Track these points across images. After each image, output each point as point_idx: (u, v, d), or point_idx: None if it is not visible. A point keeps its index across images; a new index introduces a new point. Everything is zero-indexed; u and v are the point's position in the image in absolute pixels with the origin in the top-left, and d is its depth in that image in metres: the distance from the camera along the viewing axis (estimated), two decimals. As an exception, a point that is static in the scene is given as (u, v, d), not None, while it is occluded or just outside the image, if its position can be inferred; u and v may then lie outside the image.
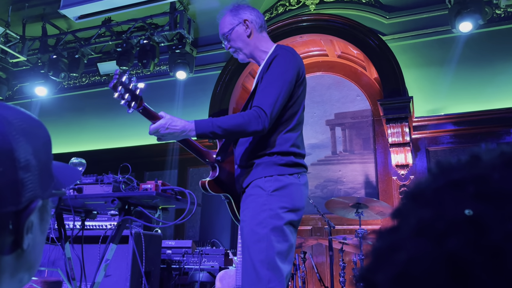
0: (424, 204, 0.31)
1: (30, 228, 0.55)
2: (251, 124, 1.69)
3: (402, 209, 0.33)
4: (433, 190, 0.31)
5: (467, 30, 4.39)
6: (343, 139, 5.13)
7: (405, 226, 0.31)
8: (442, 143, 4.64)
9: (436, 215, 0.29)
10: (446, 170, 0.32)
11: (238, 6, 2.02)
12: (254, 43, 1.97)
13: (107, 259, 2.15)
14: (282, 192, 1.72)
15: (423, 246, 0.28)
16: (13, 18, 5.58)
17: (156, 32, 5.32)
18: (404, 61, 4.77)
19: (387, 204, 3.62)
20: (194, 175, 5.60)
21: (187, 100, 5.79)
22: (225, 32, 1.99)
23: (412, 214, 0.31)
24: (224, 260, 3.97)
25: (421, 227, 0.29)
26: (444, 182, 0.31)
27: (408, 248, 0.29)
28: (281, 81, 1.76)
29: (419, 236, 0.29)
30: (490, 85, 4.56)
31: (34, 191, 0.55)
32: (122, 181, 2.23)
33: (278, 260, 1.66)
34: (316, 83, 5.34)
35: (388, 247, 0.30)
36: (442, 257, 0.27)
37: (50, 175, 0.59)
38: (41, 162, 0.56)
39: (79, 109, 6.43)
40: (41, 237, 0.60)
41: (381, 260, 0.30)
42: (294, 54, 1.86)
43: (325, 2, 5.31)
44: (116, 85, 1.59)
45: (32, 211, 0.54)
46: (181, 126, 1.67)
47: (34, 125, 0.58)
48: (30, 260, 0.58)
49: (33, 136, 0.56)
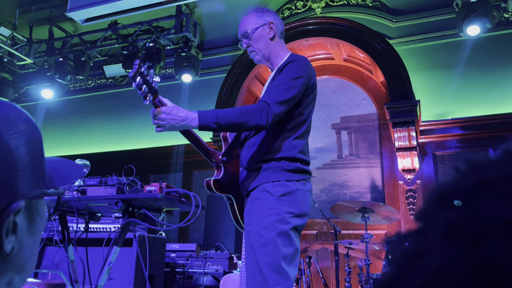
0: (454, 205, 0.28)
1: (12, 230, 0.52)
2: (254, 116, 1.69)
3: (428, 210, 0.30)
4: (464, 190, 0.28)
5: (474, 33, 4.35)
6: (349, 143, 5.09)
7: (433, 229, 0.28)
8: (449, 147, 4.60)
9: (469, 217, 0.26)
10: (477, 167, 0.29)
11: (264, 9, 2.05)
12: (274, 47, 1.99)
13: (111, 262, 2.13)
14: (289, 198, 1.74)
15: (455, 251, 0.25)
16: (20, 21, 5.61)
17: (162, 35, 5.33)
18: (411, 64, 4.74)
19: (393, 209, 3.58)
20: (199, 178, 5.59)
21: (193, 103, 5.78)
22: (247, 30, 1.99)
23: (440, 216, 0.28)
24: (229, 264, 3.94)
25: (452, 230, 0.27)
26: (476, 181, 0.28)
27: (438, 254, 0.26)
28: (292, 84, 1.78)
29: (450, 240, 0.26)
30: (498, 89, 4.51)
31: (14, 191, 0.51)
32: (126, 183, 2.21)
33: (284, 264, 1.67)
34: (322, 86, 5.32)
35: (415, 252, 0.27)
36: (476, 264, 0.24)
37: (38, 174, 0.55)
38: (24, 161, 0.52)
39: (84, 111, 6.45)
40: (31, 239, 0.56)
41: (407, 266, 0.27)
42: (307, 63, 1.89)
43: (331, 5, 5.30)
44: (135, 75, 1.61)
45: (11, 213, 0.51)
46: (184, 114, 1.66)
47: (16, 120, 0.54)
48: (17, 263, 0.54)
49: (13, 133, 0.52)
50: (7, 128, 0.52)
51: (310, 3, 5.36)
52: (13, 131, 0.52)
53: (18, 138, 0.52)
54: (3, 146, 0.50)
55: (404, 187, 4.59)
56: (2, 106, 0.54)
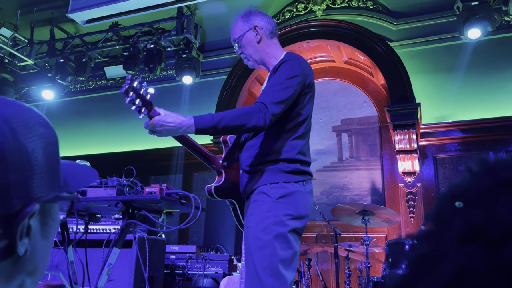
0: (471, 206, 0.27)
1: (26, 233, 0.52)
2: (252, 118, 1.66)
3: (442, 212, 0.29)
4: (481, 192, 0.28)
5: (475, 37, 4.36)
6: (349, 146, 5.09)
7: (449, 232, 0.27)
8: (450, 150, 4.59)
9: (488, 219, 0.26)
10: (494, 168, 0.28)
11: (250, 12, 2.02)
12: (264, 50, 1.96)
13: (110, 264, 2.12)
14: (287, 200, 1.71)
15: (474, 254, 0.24)
16: (21, 21, 5.61)
17: (163, 36, 5.33)
18: (411, 67, 4.74)
19: (394, 212, 3.57)
20: (199, 180, 5.58)
21: (193, 105, 5.78)
22: (235, 38, 1.99)
23: (456, 217, 0.27)
24: (228, 266, 3.93)
25: (470, 233, 0.26)
26: (495, 182, 0.27)
27: (456, 257, 0.25)
28: (287, 83, 1.75)
29: (468, 242, 0.25)
30: (499, 92, 4.51)
31: (29, 195, 0.51)
32: (126, 184, 2.20)
33: (281, 267, 1.64)
34: (323, 89, 5.32)
35: (431, 255, 0.27)
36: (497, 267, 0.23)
37: (53, 178, 0.55)
38: (40, 164, 0.53)
39: (85, 112, 6.44)
40: (43, 242, 0.57)
41: (423, 269, 0.26)
42: (303, 61, 1.85)
43: (332, 8, 5.30)
44: (127, 90, 1.58)
45: (26, 215, 0.51)
46: (178, 122, 1.61)
47: (34, 124, 0.54)
48: (30, 265, 0.54)
49: (31, 136, 0.52)
50: (25, 131, 0.52)
51: (311, 5, 5.37)
52: (30, 134, 0.52)
53: (35, 142, 0.53)
54: (20, 149, 0.51)
55: (404, 190, 4.59)
56: (21, 109, 0.55)
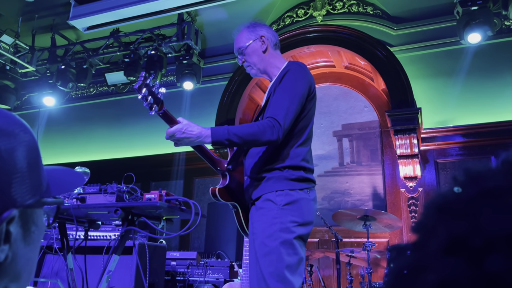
0: (454, 217, 0.27)
1: (4, 239, 0.51)
2: (266, 133, 1.72)
3: (426, 222, 0.29)
4: (464, 202, 0.27)
5: (475, 41, 4.35)
6: (350, 151, 5.08)
7: (432, 242, 0.26)
8: (451, 155, 4.58)
9: (471, 229, 0.25)
10: (477, 178, 0.28)
11: (256, 23, 2.10)
12: (268, 59, 2.02)
13: (110, 271, 2.11)
14: (292, 207, 1.75)
15: (456, 266, 0.24)
16: (22, 28, 5.64)
17: (163, 43, 5.35)
18: (412, 72, 4.74)
19: (395, 217, 3.55)
20: (200, 185, 5.57)
21: (194, 111, 5.78)
22: (241, 46, 2.05)
23: (440, 228, 0.27)
24: (229, 273, 3.91)
25: (452, 243, 0.25)
26: (477, 192, 0.27)
27: (438, 268, 0.25)
28: (294, 94, 1.80)
29: (451, 254, 0.25)
30: (500, 97, 4.50)
31: (7, 200, 0.51)
32: (125, 190, 2.20)
33: (287, 273, 1.67)
34: (323, 94, 5.32)
35: (414, 266, 0.26)
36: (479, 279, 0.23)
37: (34, 183, 0.55)
38: (19, 169, 0.52)
39: (86, 119, 6.46)
40: (26, 248, 0.56)
41: (405, 281, 0.26)
42: (305, 69, 1.91)
43: (332, 13, 5.31)
44: (141, 86, 1.64)
45: (2, 221, 0.50)
46: (198, 131, 1.71)
47: (13, 129, 0.53)
48: (12, 272, 0.54)
49: (9, 142, 0.52)
50: (3, 137, 0.51)
51: (311, 11, 5.38)
52: (9, 140, 0.52)
53: (14, 147, 0.52)
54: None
55: (406, 195, 4.57)
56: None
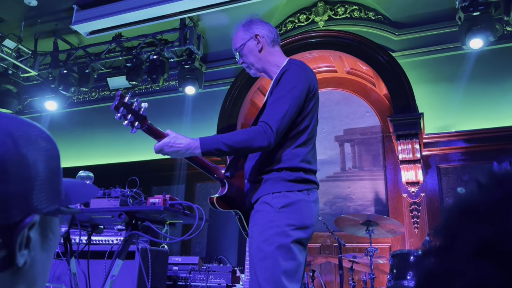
0: (481, 220, 0.27)
1: (25, 244, 0.52)
2: (256, 140, 1.65)
3: (451, 226, 0.28)
4: (491, 205, 0.27)
5: (477, 46, 4.36)
6: (352, 155, 5.07)
7: (459, 246, 0.26)
8: (453, 160, 4.57)
9: (499, 232, 0.25)
10: (502, 181, 0.28)
11: (251, 21, 2.02)
12: (266, 58, 1.95)
13: (113, 275, 2.11)
14: (290, 209, 1.67)
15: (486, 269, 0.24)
16: (25, 33, 5.66)
17: (165, 47, 5.36)
18: (414, 77, 4.74)
19: (398, 222, 3.54)
20: (201, 190, 5.56)
21: (196, 115, 5.79)
22: (237, 47, 1.99)
23: (466, 232, 0.26)
24: (231, 278, 3.90)
25: (481, 247, 0.25)
26: (503, 195, 0.27)
27: (468, 272, 0.24)
28: (289, 96, 1.73)
29: (480, 258, 0.25)
30: (502, 102, 4.50)
31: (29, 206, 0.52)
32: (129, 195, 2.20)
33: (284, 279, 1.60)
34: (325, 99, 5.32)
35: (442, 270, 0.26)
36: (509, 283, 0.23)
37: (54, 191, 0.56)
38: (41, 177, 0.54)
39: (88, 123, 6.46)
40: (43, 255, 0.57)
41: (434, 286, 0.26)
42: (304, 68, 1.83)
43: (334, 19, 5.33)
44: (117, 106, 1.61)
45: (25, 226, 0.51)
46: (185, 144, 1.66)
47: (37, 137, 0.56)
48: (29, 277, 0.54)
49: (33, 149, 0.54)
50: (28, 145, 0.53)
51: (313, 16, 5.40)
52: (33, 148, 0.54)
53: (37, 155, 0.54)
54: (21, 160, 0.52)
55: (408, 200, 4.56)
56: (25, 124, 0.56)
